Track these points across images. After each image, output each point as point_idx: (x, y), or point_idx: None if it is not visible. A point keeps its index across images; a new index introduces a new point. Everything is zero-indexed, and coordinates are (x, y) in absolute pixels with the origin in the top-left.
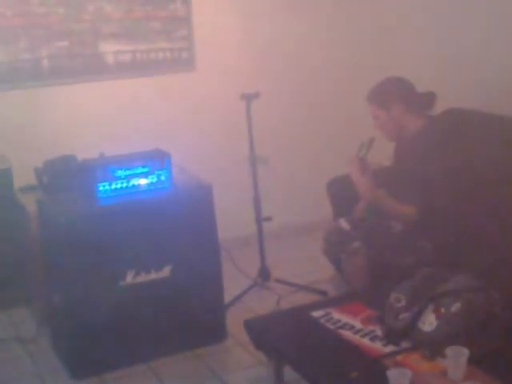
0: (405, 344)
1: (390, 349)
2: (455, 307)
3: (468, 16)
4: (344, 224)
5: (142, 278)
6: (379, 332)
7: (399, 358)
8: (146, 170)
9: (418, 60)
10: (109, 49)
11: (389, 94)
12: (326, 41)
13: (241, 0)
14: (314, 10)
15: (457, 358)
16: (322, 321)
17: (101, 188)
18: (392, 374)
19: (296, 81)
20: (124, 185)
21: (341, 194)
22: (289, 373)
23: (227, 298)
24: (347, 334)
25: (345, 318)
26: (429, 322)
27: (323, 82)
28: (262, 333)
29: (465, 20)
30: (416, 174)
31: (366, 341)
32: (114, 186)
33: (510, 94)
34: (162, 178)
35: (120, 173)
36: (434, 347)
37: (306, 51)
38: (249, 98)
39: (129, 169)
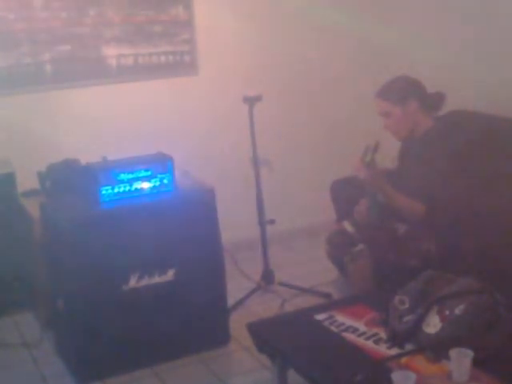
0: (409, 346)
1: (394, 351)
2: (459, 309)
3: (470, 16)
4: (348, 226)
5: (146, 281)
6: (383, 334)
7: (403, 360)
8: (148, 173)
9: (420, 61)
10: (111, 53)
11: (405, 90)
12: (327, 43)
13: (243, 3)
14: (315, 12)
15: (461, 359)
16: (326, 324)
17: (104, 192)
18: (396, 376)
19: (298, 83)
20: (127, 188)
21: (344, 196)
22: (293, 376)
23: (230, 301)
24: (351, 336)
25: (349, 321)
26: (433, 324)
27: (326, 84)
28: (265, 336)
29: (467, 19)
30: (424, 173)
31: (370, 343)
32: (116, 190)
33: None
34: (165, 181)
35: (123, 176)
36: (438, 349)
37: (309, 54)
38: (251, 100)
39: (131, 172)
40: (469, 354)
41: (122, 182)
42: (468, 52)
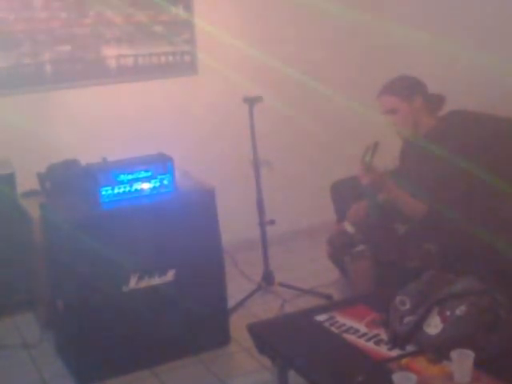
0: (410, 347)
1: (395, 352)
2: (460, 310)
3: (470, 16)
4: (348, 227)
5: (146, 282)
6: (384, 336)
7: (404, 361)
8: (148, 174)
9: (420, 61)
10: (111, 53)
11: (411, 86)
12: (328, 44)
13: (243, 3)
14: (316, 12)
15: (462, 361)
16: (327, 325)
17: (104, 192)
18: (397, 377)
19: (298, 84)
20: (127, 189)
21: (344, 196)
22: (293, 377)
23: (231, 302)
24: (352, 337)
25: (349, 322)
26: (434, 325)
27: (326, 85)
28: (265, 337)
29: (467, 19)
30: (426, 173)
31: (370, 344)
32: (116, 191)
33: None
34: (165, 182)
35: (123, 177)
36: (439, 350)
37: (309, 54)
38: (251, 101)
39: (131, 173)
40: (470, 355)
41: (122, 182)
42: (468, 52)
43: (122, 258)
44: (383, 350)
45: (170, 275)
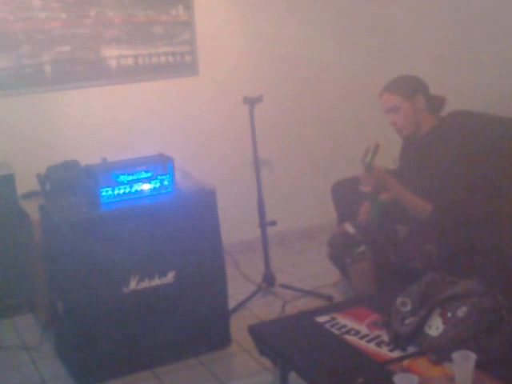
0: (411, 349)
1: (396, 354)
2: (462, 311)
3: (470, 16)
4: (349, 228)
5: (146, 283)
6: (385, 337)
7: (406, 363)
8: (149, 175)
9: (420, 61)
10: (111, 53)
11: (414, 85)
12: (328, 44)
13: (243, 4)
14: (317, 12)
15: (464, 362)
16: (328, 326)
17: (104, 193)
18: (398, 379)
19: (299, 84)
20: (127, 190)
21: (345, 197)
22: (294, 379)
23: (231, 303)
24: (353, 339)
25: (350, 323)
26: (435, 327)
27: (327, 85)
28: (266, 338)
29: (467, 20)
30: (428, 173)
31: (371, 346)
32: (116, 192)
33: None
34: (165, 182)
35: (123, 178)
36: (440, 352)
37: (309, 55)
38: (252, 101)
39: (132, 174)
40: (472, 357)
41: (122, 183)
42: (469, 52)
43: (122, 259)
44: (384, 352)
45: (171, 276)
